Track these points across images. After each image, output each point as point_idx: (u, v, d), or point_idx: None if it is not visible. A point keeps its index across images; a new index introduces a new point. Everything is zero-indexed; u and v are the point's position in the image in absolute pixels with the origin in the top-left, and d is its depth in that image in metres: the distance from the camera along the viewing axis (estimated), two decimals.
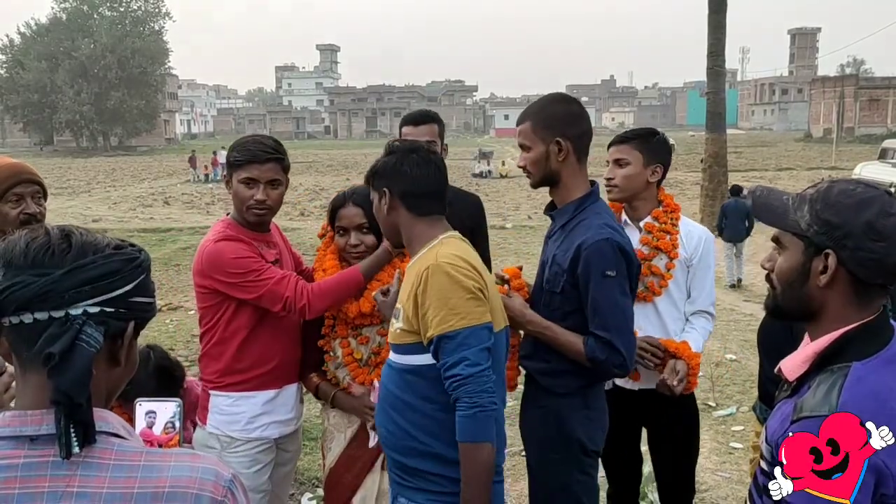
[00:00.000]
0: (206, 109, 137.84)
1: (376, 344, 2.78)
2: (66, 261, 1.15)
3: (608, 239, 2.37)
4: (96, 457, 1.14)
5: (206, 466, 1.20)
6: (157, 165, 44.90)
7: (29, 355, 1.14)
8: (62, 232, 1.19)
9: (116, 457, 1.16)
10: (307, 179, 31.71)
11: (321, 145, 76.42)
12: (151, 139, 73.79)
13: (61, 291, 1.13)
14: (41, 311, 1.12)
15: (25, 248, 1.15)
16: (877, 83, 69.76)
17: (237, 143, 2.78)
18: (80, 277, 1.15)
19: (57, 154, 61.69)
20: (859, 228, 1.44)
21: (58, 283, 1.13)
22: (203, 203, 23.53)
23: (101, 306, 1.16)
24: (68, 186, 29.80)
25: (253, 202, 2.69)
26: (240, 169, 2.69)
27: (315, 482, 4.41)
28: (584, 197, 2.52)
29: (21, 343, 1.15)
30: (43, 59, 65.44)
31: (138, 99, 67.87)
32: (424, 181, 2.29)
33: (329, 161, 45.38)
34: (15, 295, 1.12)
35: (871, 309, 1.48)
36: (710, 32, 16.82)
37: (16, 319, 1.13)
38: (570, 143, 2.47)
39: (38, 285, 1.12)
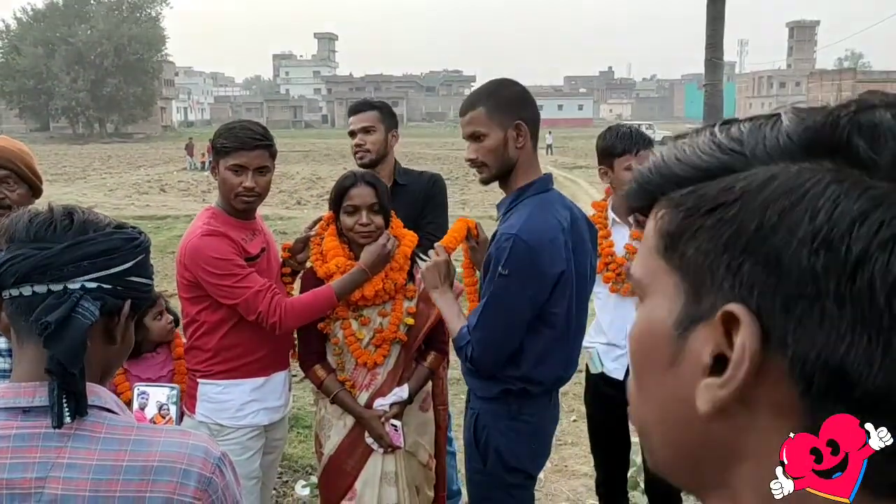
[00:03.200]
0: (202, 97, 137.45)
1: (378, 325, 2.79)
2: (67, 236, 1.18)
3: (513, 236, 2.19)
4: (87, 430, 1.17)
5: (196, 443, 1.22)
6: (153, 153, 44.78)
7: (25, 326, 1.17)
8: (65, 210, 1.22)
9: (107, 431, 1.18)
10: (304, 168, 31.65)
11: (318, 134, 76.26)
12: (148, 126, 73.57)
13: (60, 265, 1.15)
14: (40, 284, 1.15)
15: (28, 223, 1.18)
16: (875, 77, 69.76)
17: (223, 129, 2.75)
18: (80, 252, 1.17)
19: (53, 141, 61.45)
20: None
21: (57, 257, 1.15)
22: (199, 191, 23.48)
23: (99, 282, 1.18)
24: (64, 173, 29.72)
25: (241, 189, 2.67)
26: (227, 156, 2.67)
27: (308, 469, 4.42)
28: (525, 186, 2.34)
29: (19, 315, 1.17)
30: (39, 44, 65.18)
31: (135, 86, 67.65)
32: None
33: (326, 150, 45.30)
34: (14, 267, 1.15)
35: None
36: (708, 23, 16.83)
37: (15, 292, 1.16)
38: (529, 127, 2.31)
39: (37, 258, 1.15)
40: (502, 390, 2.37)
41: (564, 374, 2.47)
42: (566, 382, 2.53)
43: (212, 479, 1.19)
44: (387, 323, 2.80)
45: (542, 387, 2.39)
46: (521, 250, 2.17)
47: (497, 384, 2.36)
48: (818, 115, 0.51)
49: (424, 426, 2.96)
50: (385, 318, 2.79)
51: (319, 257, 2.83)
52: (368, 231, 2.74)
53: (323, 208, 18.72)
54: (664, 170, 0.56)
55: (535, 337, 2.31)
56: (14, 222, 1.20)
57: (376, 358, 2.78)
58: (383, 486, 2.80)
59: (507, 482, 2.41)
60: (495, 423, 2.41)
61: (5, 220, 1.22)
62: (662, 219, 0.55)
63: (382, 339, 2.78)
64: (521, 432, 2.39)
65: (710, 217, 0.50)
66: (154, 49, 70.29)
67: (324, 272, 2.77)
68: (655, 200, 0.57)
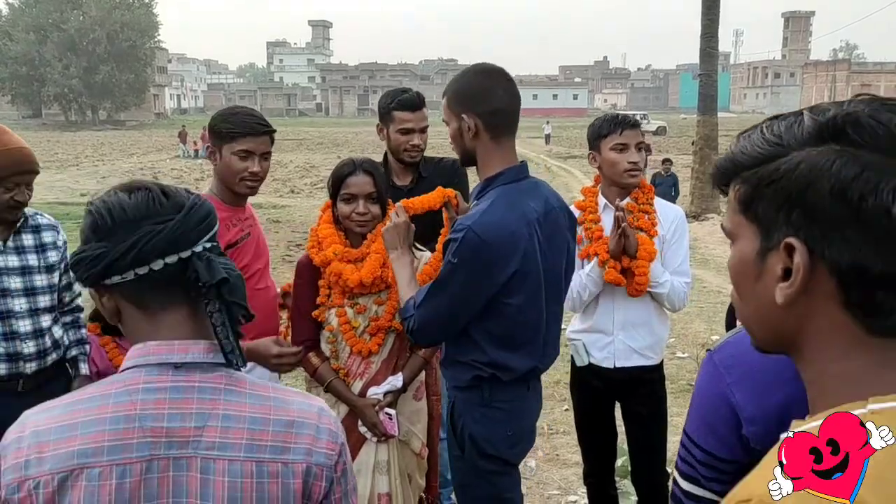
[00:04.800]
0: (196, 84, 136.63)
1: (373, 313, 2.78)
2: (175, 207, 1.24)
3: (467, 227, 2.20)
4: (235, 385, 1.25)
5: (321, 406, 1.34)
6: (146, 140, 44.61)
7: (161, 297, 1.23)
8: (148, 186, 1.27)
9: (250, 387, 1.27)
10: (298, 157, 31.59)
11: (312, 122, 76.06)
12: (140, 114, 73.26)
13: (189, 231, 1.23)
14: (172, 255, 1.21)
15: (133, 202, 1.22)
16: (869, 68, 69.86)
17: (225, 114, 2.77)
18: (197, 217, 1.25)
19: (45, 127, 61.14)
20: None
21: (184, 225, 1.22)
22: (192, 179, 23.40)
23: (210, 241, 1.27)
24: (56, 160, 29.57)
25: (248, 174, 2.72)
26: (234, 141, 2.69)
27: None
28: (493, 177, 2.34)
29: (148, 290, 1.22)
30: (31, 31, 64.77)
31: (127, 73, 67.33)
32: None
33: (320, 138, 45.20)
34: (153, 242, 1.19)
35: None
36: (703, 13, 16.78)
37: (143, 270, 1.20)
38: (479, 121, 2.28)
39: (170, 229, 1.20)
40: (473, 377, 2.38)
41: (540, 365, 2.46)
42: (542, 372, 2.53)
43: (338, 434, 1.32)
44: (382, 311, 2.79)
45: (512, 374, 2.38)
46: (472, 243, 2.19)
47: (468, 371, 2.38)
48: (825, 114, 0.84)
49: (417, 415, 2.96)
50: (380, 307, 2.79)
51: (316, 245, 2.81)
52: (365, 220, 2.73)
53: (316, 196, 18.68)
54: (736, 159, 0.91)
55: (492, 322, 2.33)
56: (111, 208, 1.22)
57: (371, 346, 2.77)
58: (376, 475, 2.80)
59: (485, 469, 2.43)
60: (469, 412, 2.43)
61: (95, 210, 1.24)
62: (738, 191, 0.90)
63: (378, 327, 2.78)
64: (494, 419, 2.41)
65: (769, 188, 0.85)
66: (147, 36, 69.92)
67: (320, 259, 2.76)
68: (731, 180, 0.92)
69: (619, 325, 3.10)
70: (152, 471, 1.18)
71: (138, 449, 1.17)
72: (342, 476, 1.31)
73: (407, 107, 3.33)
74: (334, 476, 1.29)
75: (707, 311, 8.18)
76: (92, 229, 1.23)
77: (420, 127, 3.32)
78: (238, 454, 1.21)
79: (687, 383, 5.65)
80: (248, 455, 1.21)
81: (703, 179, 16.94)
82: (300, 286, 2.88)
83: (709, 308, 8.33)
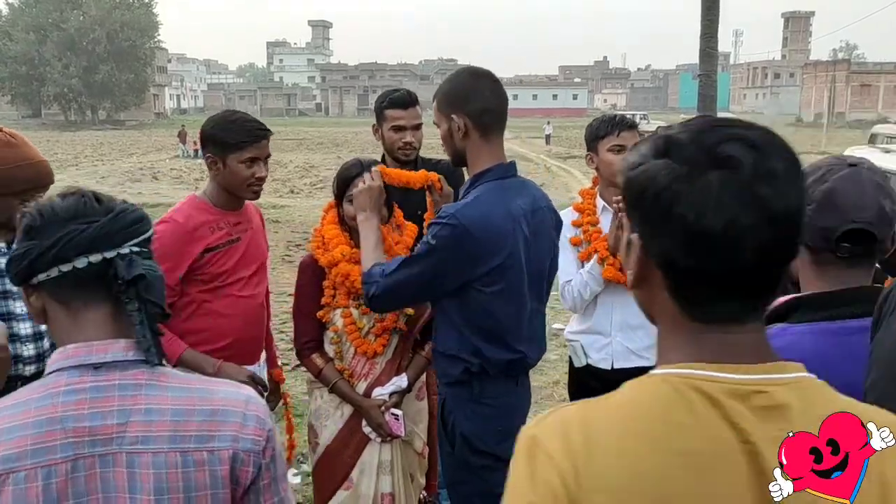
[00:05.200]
0: (196, 84, 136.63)
1: (378, 314, 2.78)
2: (104, 210, 1.30)
3: (450, 215, 2.26)
4: (156, 380, 1.30)
5: (249, 394, 1.38)
6: (145, 140, 44.60)
7: (84, 295, 1.28)
8: (83, 192, 1.33)
9: (173, 380, 1.32)
10: (297, 157, 31.57)
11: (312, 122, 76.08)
12: (140, 113, 73.25)
13: (114, 232, 1.28)
14: (96, 254, 1.27)
15: (64, 205, 1.29)
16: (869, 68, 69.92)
17: (224, 122, 2.73)
18: (124, 220, 1.31)
19: (45, 127, 61.09)
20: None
21: (109, 226, 1.28)
22: (192, 178, 23.39)
23: (139, 246, 1.32)
24: (56, 160, 29.55)
25: (255, 180, 2.72)
26: (242, 150, 2.67)
27: (300, 458, 4.43)
28: (480, 173, 2.38)
29: (72, 288, 1.28)
30: (31, 30, 64.74)
31: (127, 73, 67.31)
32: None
33: (320, 138, 45.19)
34: (75, 240, 1.26)
35: (828, 280, 1.56)
36: (703, 13, 16.78)
37: (67, 267, 1.25)
38: (468, 120, 2.34)
39: (94, 229, 1.27)
40: (463, 370, 2.41)
41: (526, 357, 2.47)
42: (530, 367, 2.54)
43: (266, 421, 1.36)
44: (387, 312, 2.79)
45: (497, 367, 2.41)
46: (455, 231, 2.24)
47: (457, 364, 2.41)
48: (665, 132, 0.99)
49: (420, 414, 2.97)
50: None
51: (321, 246, 2.81)
52: None
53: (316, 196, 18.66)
54: (625, 162, 1.04)
55: (471, 311, 2.36)
56: (44, 209, 1.29)
57: (376, 347, 2.78)
58: (379, 475, 2.81)
59: (476, 465, 2.45)
60: (460, 408, 2.46)
61: (28, 212, 1.31)
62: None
63: (383, 328, 2.78)
64: (484, 416, 2.44)
65: (627, 192, 1.00)
66: (147, 35, 69.90)
67: (327, 261, 2.76)
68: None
69: (618, 326, 3.09)
70: (78, 470, 1.22)
71: (62, 450, 1.22)
72: (271, 462, 1.36)
73: (398, 104, 3.34)
74: (262, 462, 1.34)
75: None
76: (24, 230, 1.29)
77: (412, 124, 3.32)
78: (162, 446, 1.25)
79: None
80: (172, 446, 1.26)
81: None
82: (303, 287, 2.87)
83: None
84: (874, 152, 11.62)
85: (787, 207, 0.90)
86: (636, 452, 0.90)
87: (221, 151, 2.69)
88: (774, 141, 0.94)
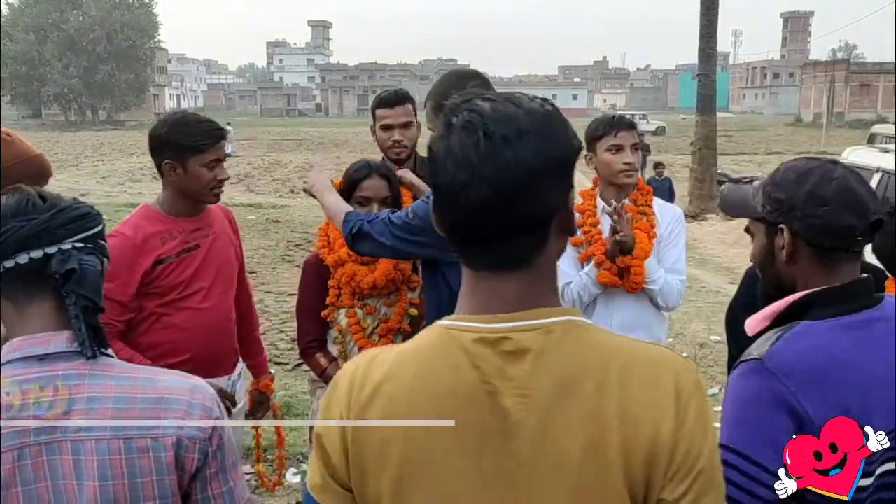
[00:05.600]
0: (196, 84, 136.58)
1: (382, 314, 2.80)
2: (46, 208, 1.34)
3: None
4: (100, 370, 1.34)
5: (195, 382, 1.42)
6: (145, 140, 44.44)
7: (26, 290, 1.33)
8: (28, 191, 1.38)
9: (118, 370, 1.36)
10: (297, 157, 31.59)
11: (312, 122, 76.05)
12: (140, 114, 73.17)
13: (53, 229, 1.32)
14: (37, 250, 1.31)
15: (6, 203, 1.34)
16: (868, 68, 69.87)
17: (180, 125, 2.62)
18: (65, 217, 1.34)
19: (45, 128, 61.02)
20: (802, 198, 1.53)
21: (49, 222, 1.32)
22: None
23: (84, 242, 1.35)
24: (56, 160, 29.50)
25: (217, 182, 2.63)
26: (204, 153, 2.57)
27: (300, 458, 4.45)
28: None
29: (16, 284, 1.32)
30: (31, 30, 64.75)
31: (127, 73, 67.31)
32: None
33: (319, 139, 45.16)
34: (14, 236, 1.30)
35: (838, 275, 1.56)
36: (702, 13, 16.82)
37: (10, 263, 1.30)
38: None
39: (32, 225, 1.31)
40: None
41: None
42: None
43: (213, 409, 1.39)
44: (391, 313, 2.81)
45: None
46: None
47: None
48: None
49: None
50: (390, 308, 2.81)
51: (327, 245, 2.82)
52: None
53: None
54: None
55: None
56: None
57: (379, 347, 2.78)
58: None
59: None
60: None
61: None
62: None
63: (387, 328, 2.79)
64: None
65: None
66: (147, 35, 69.90)
67: (333, 260, 2.77)
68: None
69: (618, 326, 3.10)
70: (25, 457, 1.27)
71: (8, 438, 1.27)
72: (218, 450, 1.38)
73: (385, 103, 3.30)
74: (209, 449, 1.36)
75: (705, 311, 8.19)
76: None
77: (399, 122, 3.25)
78: (105, 433, 1.30)
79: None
80: (114, 433, 1.30)
81: (701, 180, 16.97)
82: (307, 286, 2.89)
83: (707, 308, 8.35)
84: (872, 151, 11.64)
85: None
86: (397, 395, 1.09)
87: (180, 155, 2.57)
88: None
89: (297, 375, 5.99)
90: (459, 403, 1.05)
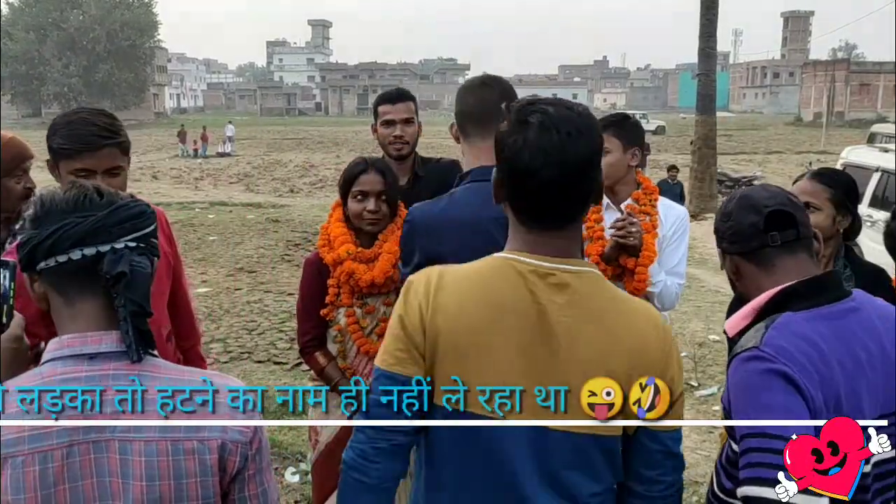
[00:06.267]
0: (195, 84, 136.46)
1: (381, 314, 2.81)
2: (103, 205, 1.35)
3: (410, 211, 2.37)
4: (149, 370, 1.36)
5: (235, 384, 1.44)
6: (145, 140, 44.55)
7: (78, 286, 1.33)
8: (86, 187, 1.38)
9: (164, 371, 1.38)
10: (297, 156, 31.59)
11: (312, 122, 76.04)
12: (140, 113, 73.14)
13: (109, 227, 1.33)
14: (90, 247, 1.31)
15: (65, 197, 1.35)
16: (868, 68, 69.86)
17: (61, 122, 2.30)
18: (121, 216, 1.35)
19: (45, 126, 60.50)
20: (719, 221, 1.82)
21: (105, 220, 1.33)
22: (192, 178, 23.42)
23: (137, 242, 1.36)
24: None
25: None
26: (70, 159, 2.21)
27: (299, 457, 4.46)
28: (464, 174, 2.36)
29: (69, 279, 1.33)
30: (31, 30, 64.67)
31: (127, 72, 67.21)
32: None
33: (320, 138, 45.16)
34: (69, 232, 1.31)
35: (782, 270, 1.70)
36: (702, 12, 16.83)
37: (63, 258, 1.31)
38: (457, 125, 2.40)
39: (89, 223, 1.32)
40: None
41: None
42: None
43: (254, 413, 1.42)
44: (390, 312, 2.80)
45: None
46: (408, 224, 2.34)
47: None
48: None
49: None
50: (389, 308, 2.81)
51: (326, 244, 2.83)
52: (376, 218, 2.77)
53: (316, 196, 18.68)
54: None
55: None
56: (46, 199, 1.35)
57: (378, 346, 2.79)
58: None
59: None
60: None
61: (32, 202, 1.36)
62: None
63: (386, 327, 2.79)
64: None
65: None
66: (146, 35, 69.80)
67: (332, 258, 2.78)
68: None
69: None
70: (73, 455, 1.29)
71: (58, 436, 1.28)
72: (257, 453, 1.42)
73: (387, 99, 3.38)
74: (249, 453, 1.40)
75: (704, 311, 8.20)
76: (30, 218, 1.36)
77: (401, 118, 3.31)
78: (153, 435, 1.32)
79: (684, 382, 5.67)
80: (162, 435, 1.32)
81: (701, 179, 16.98)
82: (307, 285, 2.90)
83: (706, 307, 8.35)
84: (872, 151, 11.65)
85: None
86: (464, 297, 1.48)
87: (54, 158, 2.26)
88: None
89: (295, 375, 6.00)
90: (517, 311, 1.46)
